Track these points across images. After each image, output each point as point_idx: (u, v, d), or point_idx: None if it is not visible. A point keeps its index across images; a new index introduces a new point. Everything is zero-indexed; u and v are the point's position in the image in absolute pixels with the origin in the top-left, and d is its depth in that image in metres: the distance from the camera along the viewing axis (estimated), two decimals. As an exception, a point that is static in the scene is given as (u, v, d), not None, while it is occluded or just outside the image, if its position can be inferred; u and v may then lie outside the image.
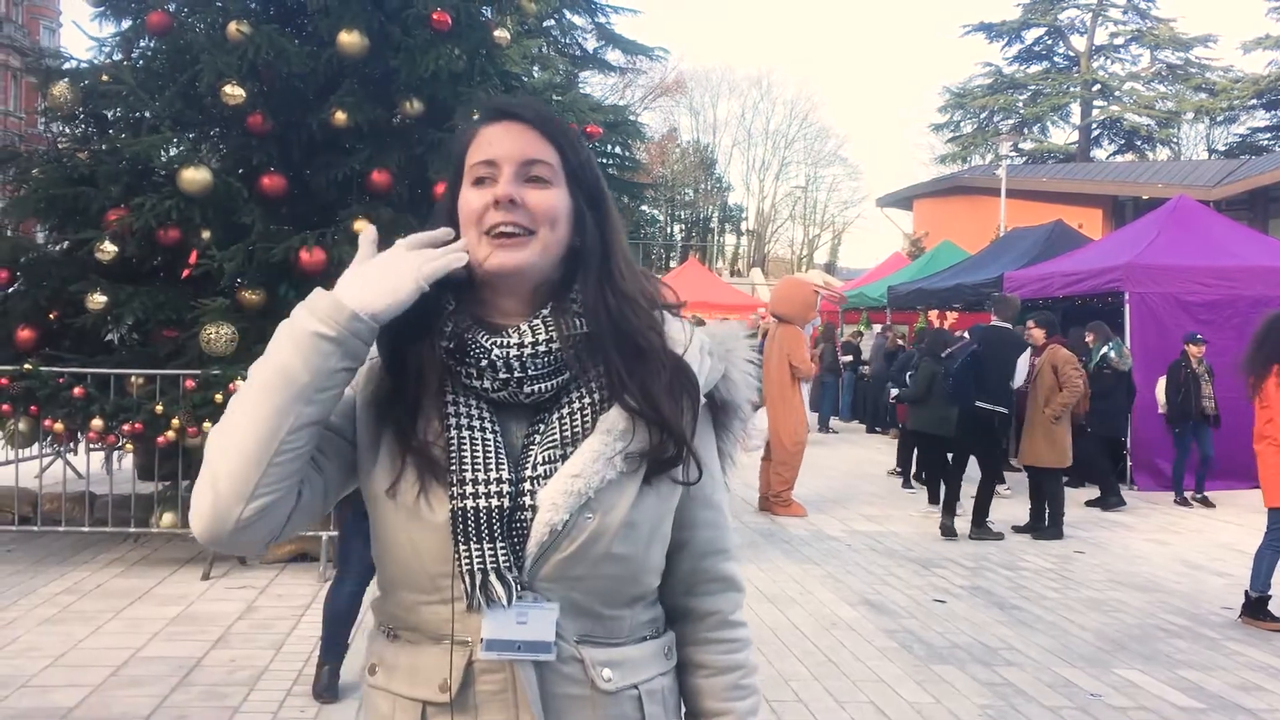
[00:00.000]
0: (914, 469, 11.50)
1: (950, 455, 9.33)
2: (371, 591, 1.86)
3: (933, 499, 10.04)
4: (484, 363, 1.35)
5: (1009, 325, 9.15)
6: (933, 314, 17.17)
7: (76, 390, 6.97)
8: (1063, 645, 5.86)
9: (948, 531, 8.76)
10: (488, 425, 1.37)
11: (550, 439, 1.37)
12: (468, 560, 1.32)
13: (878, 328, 19.47)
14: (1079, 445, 9.58)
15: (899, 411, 11.85)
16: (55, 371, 7.09)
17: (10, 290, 7.82)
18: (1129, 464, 11.49)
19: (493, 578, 1.32)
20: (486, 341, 1.36)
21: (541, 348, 1.36)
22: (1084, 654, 5.71)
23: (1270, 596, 6.35)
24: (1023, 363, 8.94)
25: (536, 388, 1.37)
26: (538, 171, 1.39)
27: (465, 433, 1.35)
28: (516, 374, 1.36)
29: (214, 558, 6.99)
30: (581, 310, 1.39)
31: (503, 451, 1.36)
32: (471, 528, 1.32)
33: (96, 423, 6.93)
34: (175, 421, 6.84)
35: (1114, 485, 10.51)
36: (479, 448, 1.35)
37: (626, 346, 1.39)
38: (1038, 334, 9.79)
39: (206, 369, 6.96)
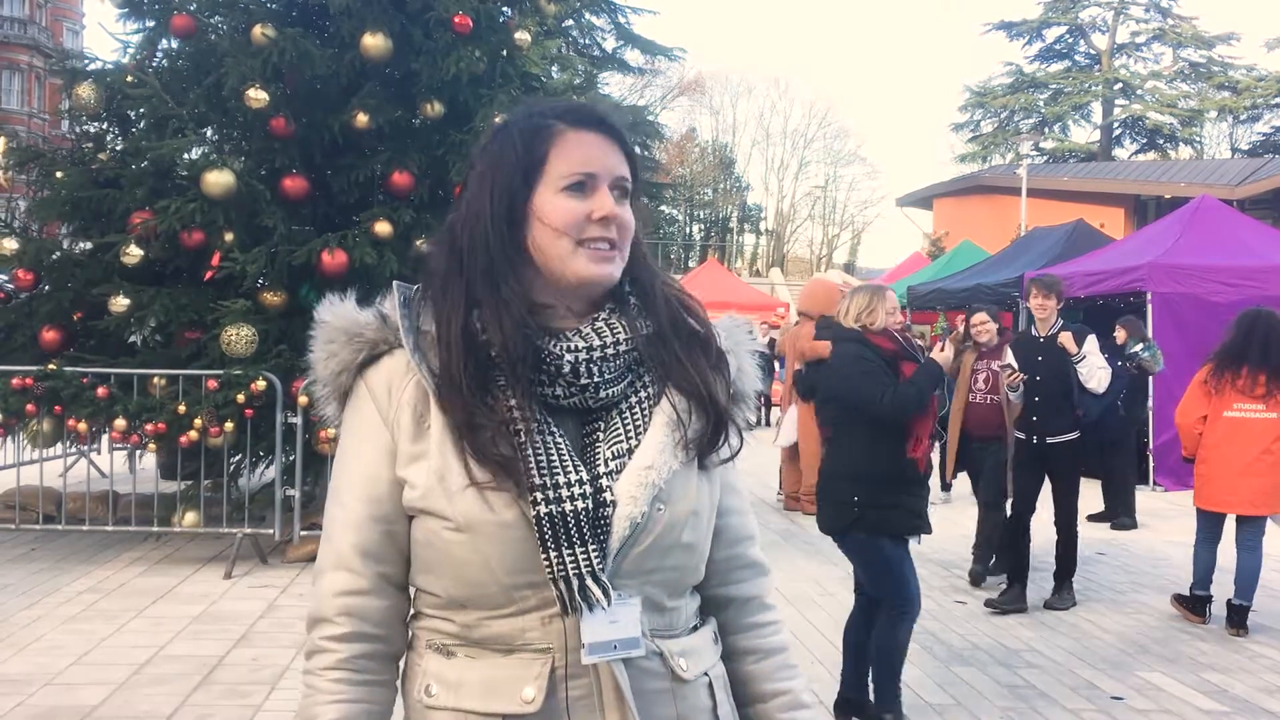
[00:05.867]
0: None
1: None
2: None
3: None
4: (554, 369, 1.35)
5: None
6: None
7: (100, 390, 7.03)
8: (1084, 647, 5.83)
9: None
10: (554, 429, 1.35)
11: (615, 435, 1.37)
12: (560, 566, 1.30)
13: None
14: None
15: None
16: (79, 371, 7.15)
17: (35, 292, 7.89)
18: (1151, 465, 11.41)
19: (589, 581, 1.31)
20: (556, 348, 1.35)
21: (610, 350, 1.37)
22: (1106, 656, 5.68)
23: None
24: None
25: (609, 392, 1.38)
26: (622, 187, 1.41)
27: (536, 438, 1.32)
28: (595, 380, 1.36)
29: (236, 557, 7.04)
30: (640, 307, 1.42)
31: (574, 453, 1.35)
32: (561, 533, 1.30)
33: (120, 422, 6.99)
34: (198, 421, 6.89)
35: (1130, 501, 9.60)
36: (553, 452, 1.33)
37: (683, 333, 1.43)
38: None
39: (228, 369, 7.01)
